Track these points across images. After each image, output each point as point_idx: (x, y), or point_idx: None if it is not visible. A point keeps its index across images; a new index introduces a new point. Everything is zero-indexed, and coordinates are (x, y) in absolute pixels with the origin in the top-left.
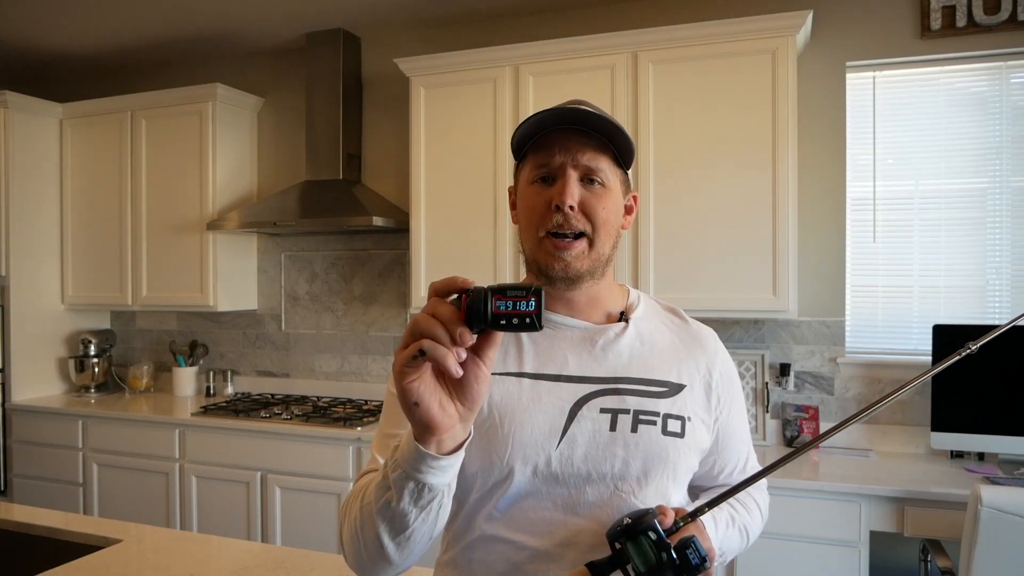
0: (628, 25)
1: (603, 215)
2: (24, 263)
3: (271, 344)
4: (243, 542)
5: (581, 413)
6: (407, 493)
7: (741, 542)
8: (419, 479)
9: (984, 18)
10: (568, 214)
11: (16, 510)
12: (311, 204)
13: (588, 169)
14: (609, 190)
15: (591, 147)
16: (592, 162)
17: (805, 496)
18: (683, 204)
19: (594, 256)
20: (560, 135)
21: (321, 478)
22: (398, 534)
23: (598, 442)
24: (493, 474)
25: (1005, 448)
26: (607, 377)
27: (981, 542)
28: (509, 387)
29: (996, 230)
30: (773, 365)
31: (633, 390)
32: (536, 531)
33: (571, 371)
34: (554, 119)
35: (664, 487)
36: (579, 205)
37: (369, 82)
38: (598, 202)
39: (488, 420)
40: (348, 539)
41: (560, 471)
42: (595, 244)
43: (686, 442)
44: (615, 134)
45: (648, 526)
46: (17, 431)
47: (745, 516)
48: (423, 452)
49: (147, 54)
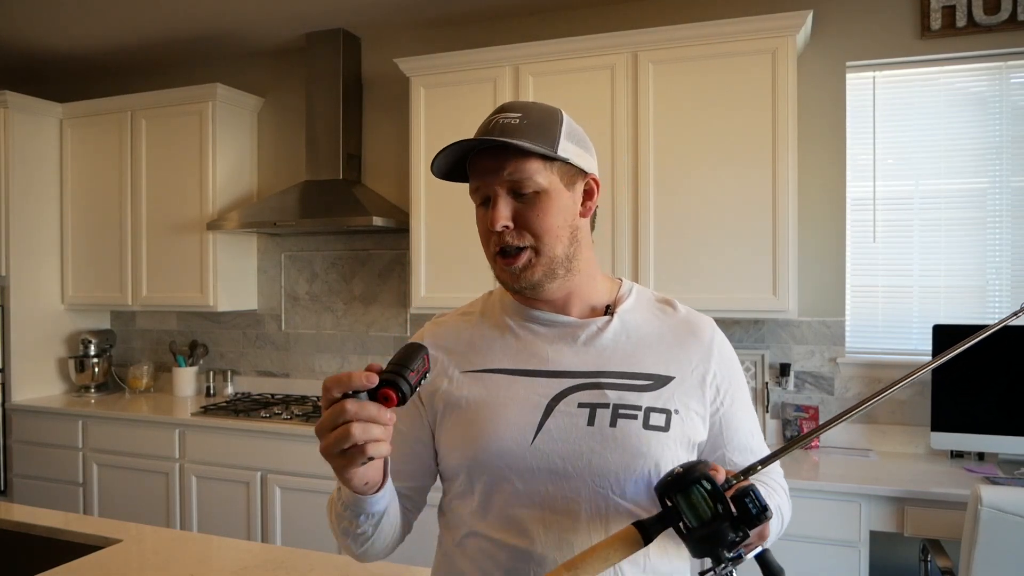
0: (628, 25)
1: (541, 224)
2: (24, 263)
3: (271, 344)
4: (243, 542)
5: (558, 408)
6: (360, 520)
7: (779, 525)
8: (367, 511)
9: (984, 18)
10: (503, 233)
11: (16, 510)
12: (311, 204)
13: (513, 182)
14: (544, 194)
15: (512, 158)
16: (516, 175)
17: (805, 496)
18: (683, 204)
19: (544, 262)
20: (481, 155)
21: (321, 478)
22: (363, 543)
23: (574, 437)
24: (473, 470)
25: (1005, 448)
26: (587, 371)
27: (981, 542)
28: (486, 383)
29: (996, 230)
30: (773, 365)
31: (614, 384)
32: (516, 529)
33: (550, 366)
34: (462, 151)
35: (647, 482)
36: (515, 221)
37: (369, 82)
38: (532, 212)
39: (465, 415)
40: (334, 534)
41: (536, 466)
42: (541, 252)
43: (671, 436)
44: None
45: (702, 474)
46: (17, 431)
47: (779, 498)
48: (360, 499)
49: (147, 54)
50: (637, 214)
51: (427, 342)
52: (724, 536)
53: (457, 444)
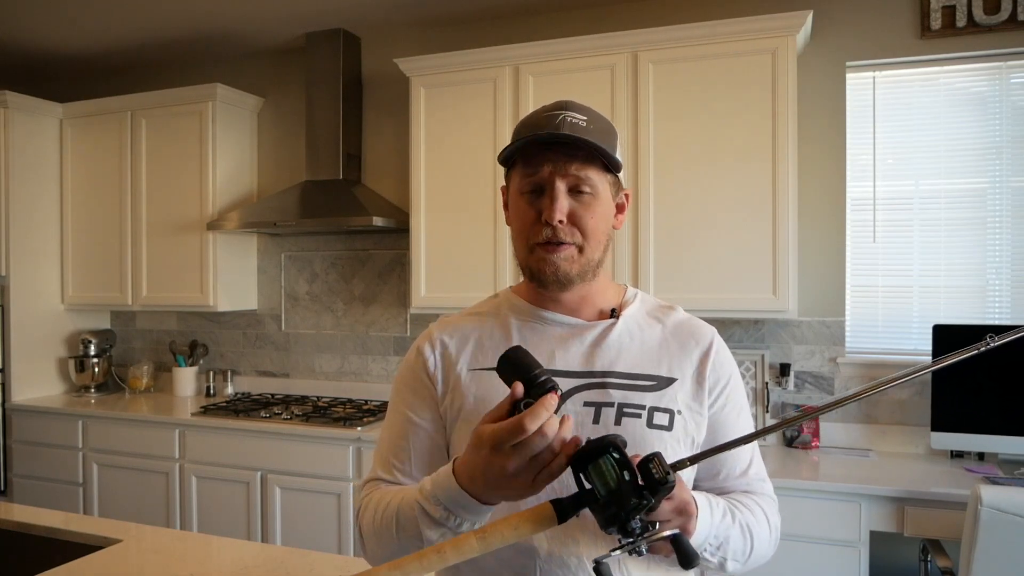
0: (628, 25)
1: (592, 224)
2: (24, 263)
3: (271, 344)
4: (243, 542)
5: (564, 407)
6: (447, 531)
7: (743, 542)
8: (461, 522)
9: (984, 18)
10: (557, 228)
11: (16, 510)
12: (311, 204)
13: (576, 179)
14: (597, 198)
15: (578, 158)
16: (580, 172)
17: (805, 496)
18: (683, 204)
19: (583, 261)
20: (546, 146)
21: (321, 478)
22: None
23: (581, 435)
24: None
25: (1005, 448)
26: (593, 371)
27: (981, 542)
28: (493, 381)
29: (996, 230)
30: (773, 365)
31: (619, 384)
32: None
33: (556, 365)
34: (543, 140)
35: None
36: (568, 217)
37: (369, 82)
38: (587, 212)
39: (472, 413)
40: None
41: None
42: (584, 251)
43: (674, 435)
44: (602, 147)
45: (610, 443)
46: (17, 431)
47: (748, 516)
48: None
49: (147, 54)
50: (637, 214)
51: (436, 337)
52: (628, 501)
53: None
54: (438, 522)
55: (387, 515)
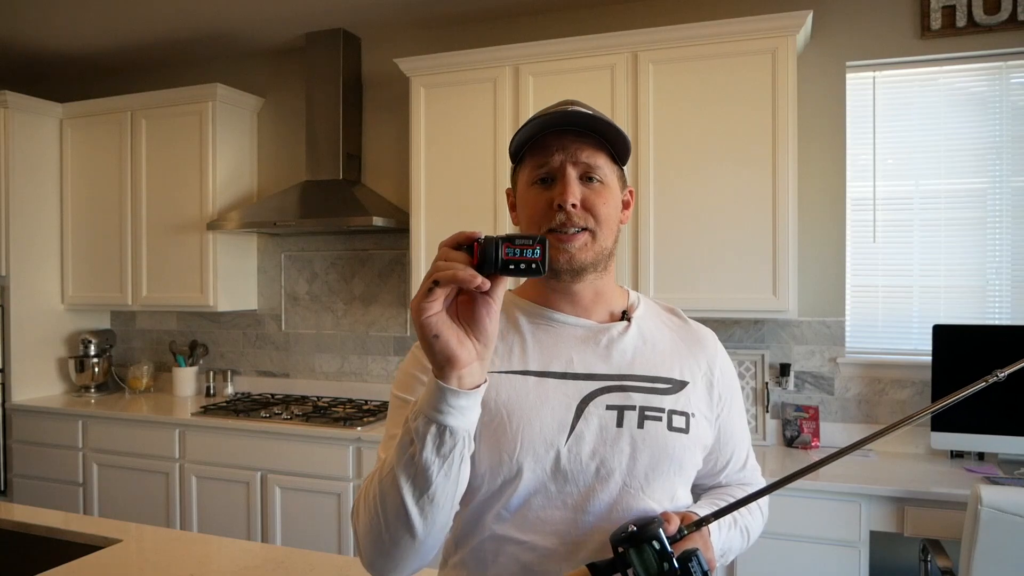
0: (628, 25)
1: (604, 211)
2: (24, 263)
3: (271, 344)
4: (243, 542)
5: (588, 410)
6: (429, 439)
7: (742, 542)
8: (440, 420)
9: (984, 18)
10: (570, 212)
11: (16, 510)
12: (311, 204)
13: (587, 167)
14: (608, 187)
15: (588, 145)
16: (590, 159)
17: (805, 496)
18: (683, 204)
19: (597, 248)
20: (557, 136)
21: (321, 478)
22: (421, 494)
23: (605, 438)
24: (502, 472)
25: (1005, 448)
26: (612, 374)
27: (981, 542)
28: (515, 385)
29: (996, 230)
30: (773, 365)
31: (638, 387)
32: (546, 531)
33: (576, 368)
34: (554, 122)
35: (671, 484)
36: (580, 203)
37: (369, 82)
38: (598, 198)
39: (496, 418)
40: (365, 529)
41: (569, 468)
42: (598, 237)
43: (691, 438)
44: (611, 133)
45: (653, 535)
46: (17, 431)
47: (747, 517)
48: (444, 388)
49: (147, 54)
50: (637, 214)
51: None
52: None
53: (492, 445)
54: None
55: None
